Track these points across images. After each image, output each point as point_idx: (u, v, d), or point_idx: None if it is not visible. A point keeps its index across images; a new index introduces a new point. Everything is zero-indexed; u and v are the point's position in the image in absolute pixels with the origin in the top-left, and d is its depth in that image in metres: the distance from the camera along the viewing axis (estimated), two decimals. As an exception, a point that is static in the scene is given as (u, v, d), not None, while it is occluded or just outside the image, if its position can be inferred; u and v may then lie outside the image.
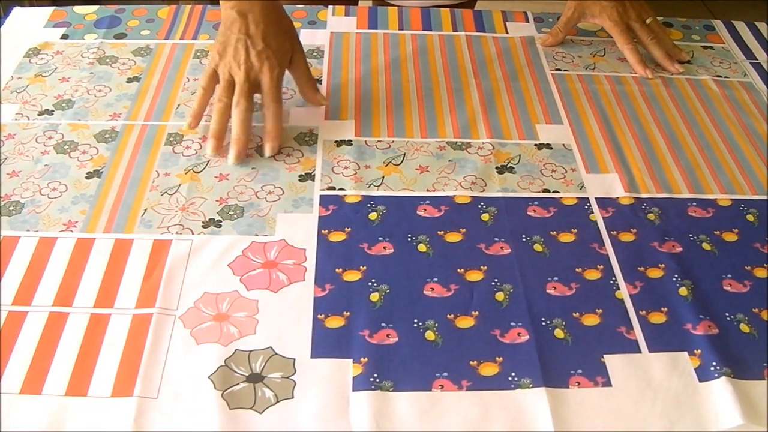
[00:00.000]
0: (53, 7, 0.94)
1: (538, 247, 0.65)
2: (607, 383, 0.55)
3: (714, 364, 0.56)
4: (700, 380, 0.56)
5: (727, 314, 0.60)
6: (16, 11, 0.94)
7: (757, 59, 0.92)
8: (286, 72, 0.76)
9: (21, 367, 0.54)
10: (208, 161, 0.72)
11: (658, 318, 0.60)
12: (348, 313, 0.59)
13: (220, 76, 0.73)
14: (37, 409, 0.52)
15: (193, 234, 0.65)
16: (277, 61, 0.73)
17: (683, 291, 0.62)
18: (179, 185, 0.69)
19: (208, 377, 0.54)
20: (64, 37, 0.89)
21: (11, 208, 0.67)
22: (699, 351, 0.58)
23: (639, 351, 0.58)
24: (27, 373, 0.54)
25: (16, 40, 0.88)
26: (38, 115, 0.77)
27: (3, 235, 0.64)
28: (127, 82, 0.82)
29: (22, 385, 0.53)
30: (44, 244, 0.63)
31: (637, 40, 0.89)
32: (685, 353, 0.58)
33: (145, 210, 0.67)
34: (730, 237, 0.67)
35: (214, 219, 0.66)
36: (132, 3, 0.97)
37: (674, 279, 0.63)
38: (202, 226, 0.65)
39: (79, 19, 0.93)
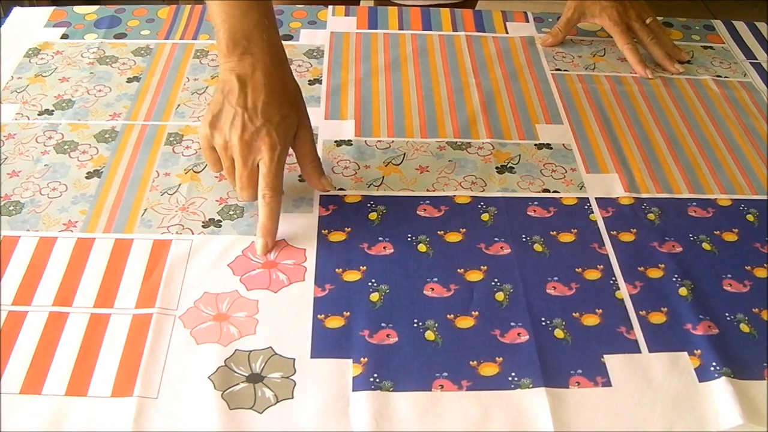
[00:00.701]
0: (53, 7, 0.94)
1: (538, 247, 0.65)
2: (607, 383, 0.55)
3: (714, 364, 0.56)
4: (700, 380, 0.56)
5: (727, 314, 0.60)
6: (17, 11, 0.94)
7: (757, 59, 0.92)
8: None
9: (21, 367, 0.54)
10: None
11: (658, 318, 0.60)
12: (348, 313, 0.59)
13: (220, 155, 0.64)
14: (37, 409, 0.52)
15: (193, 234, 0.65)
16: (279, 137, 0.62)
17: (683, 291, 0.62)
18: (179, 185, 0.69)
19: (208, 377, 0.54)
20: (64, 37, 0.89)
21: (11, 208, 0.67)
22: (699, 351, 0.58)
23: (639, 351, 0.58)
24: (27, 373, 0.54)
25: (16, 40, 0.88)
26: (38, 115, 0.77)
27: (3, 234, 0.64)
28: (127, 82, 0.82)
29: (22, 385, 0.53)
30: (44, 244, 0.63)
31: (637, 40, 0.89)
32: (685, 353, 0.58)
33: (145, 210, 0.67)
34: (730, 237, 0.67)
35: (214, 219, 0.66)
36: (132, 3, 0.97)
37: (674, 279, 0.63)
38: (202, 226, 0.65)
39: (79, 19, 0.93)
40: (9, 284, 0.60)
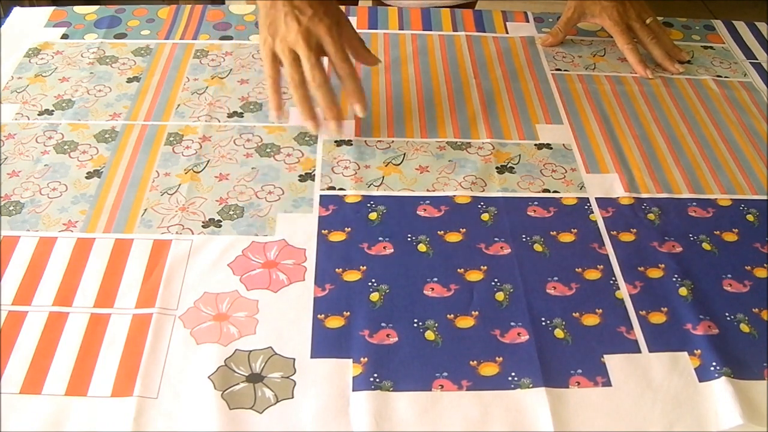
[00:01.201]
0: (53, 7, 0.94)
1: (538, 247, 0.65)
2: (607, 383, 0.55)
3: (714, 364, 0.56)
4: (700, 380, 0.56)
5: (727, 314, 0.60)
6: (17, 11, 0.94)
7: (757, 59, 0.92)
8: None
9: (21, 366, 0.54)
10: (208, 161, 0.72)
11: (658, 318, 0.60)
12: (348, 313, 0.59)
13: (281, 56, 0.71)
14: (37, 409, 0.52)
15: (193, 234, 0.65)
16: (331, 21, 0.71)
17: (683, 291, 0.62)
18: (179, 185, 0.69)
19: (208, 377, 0.54)
20: (64, 37, 0.89)
21: (11, 208, 0.67)
22: (699, 351, 0.58)
23: (639, 351, 0.58)
24: (27, 373, 0.54)
25: (16, 40, 0.88)
26: (38, 115, 0.77)
27: (3, 235, 0.64)
28: (127, 82, 0.82)
29: (22, 385, 0.53)
30: (44, 244, 0.63)
31: (637, 40, 0.89)
32: (685, 353, 0.58)
33: (145, 210, 0.67)
34: (730, 237, 0.67)
35: (214, 219, 0.66)
36: (131, 3, 0.97)
37: (674, 279, 0.63)
38: (202, 226, 0.65)
39: (79, 19, 0.93)
40: (9, 284, 0.60)
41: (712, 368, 0.56)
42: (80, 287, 0.60)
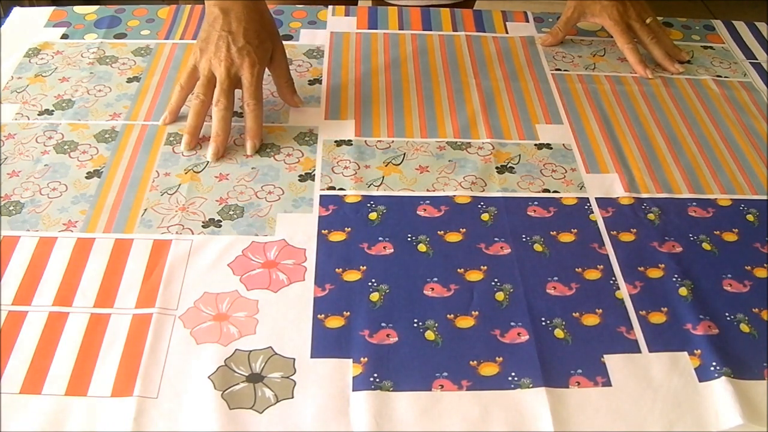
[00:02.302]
0: (53, 7, 0.94)
1: (538, 247, 0.65)
2: (607, 383, 0.55)
3: (714, 364, 0.56)
4: (700, 380, 0.56)
5: (727, 314, 0.60)
6: (17, 11, 0.94)
7: (757, 59, 0.92)
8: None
9: (21, 366, 0.54)
10: (208, 161, 0.72)
11: (658, 318, 0.60)
12: (348, 313, 0.59)
13: (200, 73, 0.73)
14: (37, 409, 0.52)
15: (193, 234, 0.65)
16: (258, 57, 0.73)
17: (683, 291, 0.62)
18: (179, 185, 0.69)
19: (208, 377, 0.54)
20: (64, 37, 0.89)
21: (11, 208, 0.67)
22: (699, 351, 0.58)
23: (639, 351, 0.58)
24: (27, 373, 0.54)
25: (16, 40, 0.88)
26: (38, 115, 0.77)
27: (3, 235, 0.64)
28: (127, 82, 0.82)
29: (22, 385, 0.53)
30: (44, 244, 0.63)
31: (637, 39, 0.89)
32: (685, 353, 0.58)
33: (145, 210, 0.67)
34: (730, 237, 0.67)
35: (214, 219, 0.66)
36: (131, 3, 0.97)
37: (674, 279, 0.63)
38: (202, 226, 0.65)
39: (79, 19, 0.93)
40: (9, 284, 0.60)
41: (712, 368, 0.56)
42: (80, 287, 0.60)
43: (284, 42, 0.87)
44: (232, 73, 0.72)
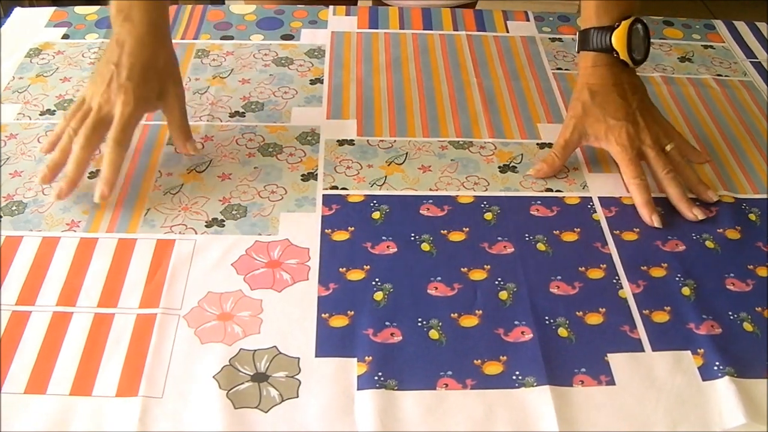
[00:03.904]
0: (54, 8, 0.94)
1: (541, 247, 0.65)
2: (611, 382, 0.55)
3: (717, 363, 0.56)
4: (704, 379, 0.56)
5: (730, 313, 0.61)
6: (17, 11, 0.94)
7: (757, 58, 0.92)
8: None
9: (25, 367, 0.54)
10: (210, 161, 0.72)
11: (661, 317, 0.60)
12: (352, 312, 0.59)
13: (84, 104, 0.69)
14: (41, 409, 0.52)
15: (196, 234, 0.65)
16: (136, 97, 0.67)
17: (686, 291, 0.62)
18: (182, 185, 0.69)
19: (213, 377, 0.54)
20: (65, 37, 0.89)
21: (14, 208, 0.67)
22: (702, 350, 0.58)
23: (642, 350, 0.58)
24: (31, 373, 0.54)
25: (17, 40, 0.88)
26: (40, 115, 0.77)
27: (6, 235, 0.64)
28: (128, 81, 0.82)
29: (27, 385, 0.53)
30: (47, 244, 0.63)
31: (650, 171, 0.71)
32: (689, 352, 0.58)
33: (148, 210, 0.67)
34: (733, 234, 0.67)
35: (217, 218, 0.66)
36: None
37: (677, 278, 0.63)
38: (206, 226, 0.65)
39: (79, 19, 0.93)
40: (12, 284, 0.60)
41: (716, 367, 0.56)
42: (84, 287, 0.60)
43: (285, 42, 0.88)
44: (104, 110, 0.67)
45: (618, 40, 0.71)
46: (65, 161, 0.67)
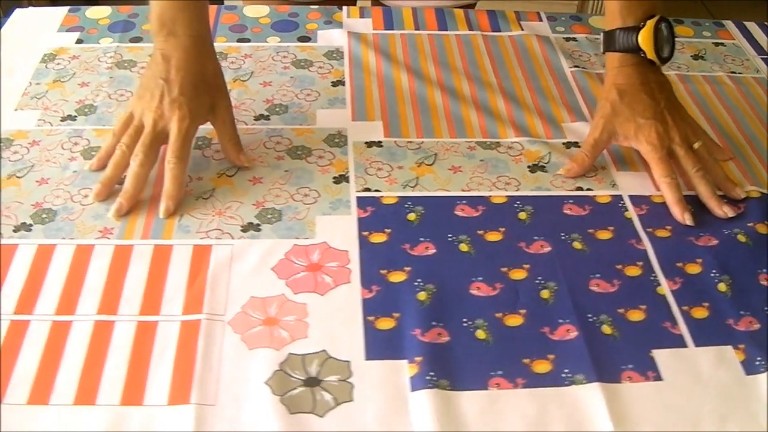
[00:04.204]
0: (63, 8, 0.93)
1: (577, 245, 0.66)
2: (658, 377, 0.56)
3: (759, 358, 0.57)
4: (747, 374, 0.56)
5: (766, 309, 0.61)
6: (18, 12, 0.93)
7: (767, 55, 0.93)
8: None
9: (71, 378, 0.54)
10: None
11: (700, 313, 0.61)
12: (397, 314, 0.59)
13: (134, 120, 0.68)
14: (92, 420, 0.51)
15: (233, 238, 0.64)
16: (191, 112, 0.67)
17: (722, 287, 0.63)
18: (213, 189, 0.69)
19: (265, 382, 0.54)
20: (79, 41, 0.88)
21: (44, 216, 0.66)
22: (743, 345, 0.58)
23: (685, 345, 0.58)
24: (79, 384, 0.53)
25: (29, 45, 0.87)
26: (61, 120, 0.76)
27: (38, 243, 0.63)
28: (148, 86, 0.81)
29: (75, 397, 0.52)
30: (82, 252, 0.63)
31: (678, 169, 0.71)
32: (730, 347, 0.58)
33: (182, 215, 0.66)
34: (763, 229, 0.68)
35: (252, 223, 0.66)
36: (133, 3, 0.95)
37: (712, 274, 0.64)
38: (242, 231, 0.65)
39: (92, 23, 0.92)
40: (50, 294, 0.59)
41: (757, 362, 0.57)
42: (124, 295, 0.59)
43: (302, 44, 0.88)
44: (159, 126, 0.67)
45: (644, 39, 0.72)
46: (119, 177, 0.67)
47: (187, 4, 0.69)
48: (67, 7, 0.94)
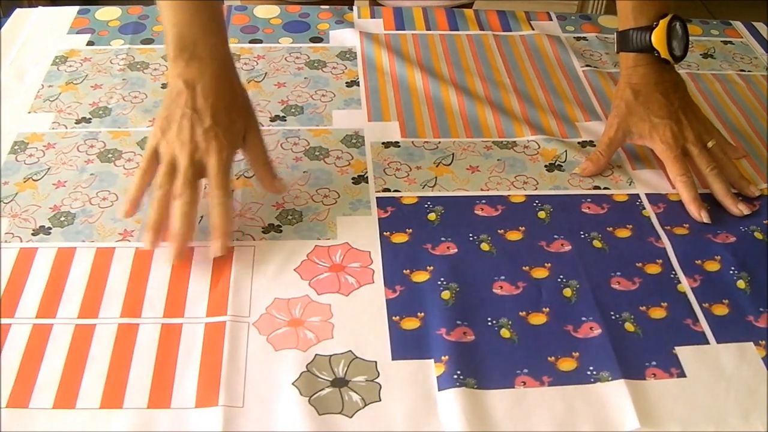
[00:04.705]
0: (75, 8, 0.93)
1: (597, 243, 0.66)
2: (682, 374, 0.56)
3: (780, 354, 0.58)
4: (770, 369, 0.57)
5: (785, 305, 0.62)
6: (36, 15, 0.92)
7: (775, 53, 0.94)
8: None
9: (96, 381, 0.53)
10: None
11: (721, 310, 0.61)
12: (422, 314, 0.59)
13: (162, 157, 0.62)
14: (120, 423, 0.51)
15: (254, 240, 0.64)
16: (227, 140, 0.62)
17: (741, 284, 0.63)
18: (232, 191, 0.69)
19: (292, 383, 0.54)
20: (90, 43, 0.88)
21: (62, 219, 0.65)
22: (763, 342, 0.59)
23: (707, 342, 0.59)
24: (104, 388, 0.53)
25: (40, 47, 0.87)
26: (75, 123, 0.76)
27: (58, 246, 0.63)
28: (161, 87, 0.81)
29: (101, 400, 0.52)
30: (102, 255, 0.62)
31: (693, 168, 0.71)
32: (751, 344, 0.59)
33: (202, 217, 0.66)
34: (780, 227, 0.68)
35: (273, 224, 0.66)
36: (132, 3, 0.95)
37: (731, 271, 0.64)
38: (263, 232, 0.65)
39: (102, 25, 0.91)
40: (73, 297, 0.59)
41: (779, 358, 0.57)
42: (147, 297, 0.59)
43: (315, 44, 0.88)
44: (196, 159, 0.61)
45: (658, 39, 0.72)
46: (166, 219, 0.61)
47: (209, 23, 0.64)
48: (77, 8, 0.94)
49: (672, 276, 0.64)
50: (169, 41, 0.63)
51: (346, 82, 0.83)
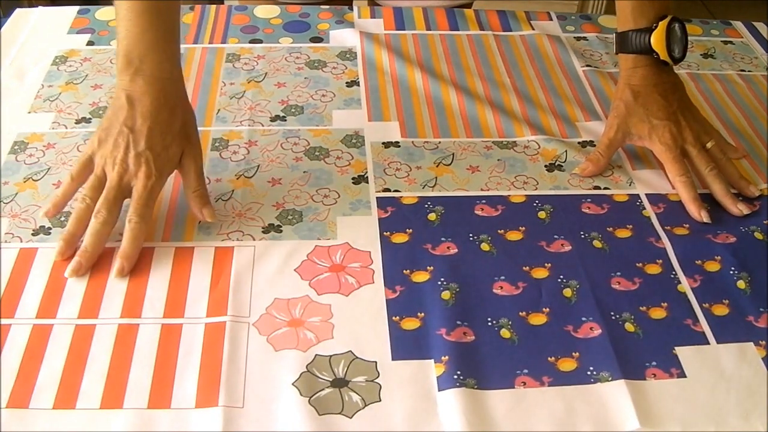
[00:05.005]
0: (75, 8, 0.93)
1: (597, 244, 0.66)
2: (682, 374, 0.56)
3: (780, 354, 0.58)
4: (769, 370, 0.57)
5: (785, 305, 0.62)
6: (36, 15, 0.92)
7: (775, 53, 0.94)
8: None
9: (96, 381, 0.53)
10: (258, 166, 0.72)
11: (721, 310, 0.61)
12: (422, 314, 0.59)
13: (94, 168, 0.63)
14: (120, 424, 0.51)
15: (254, 240, 0.64)
16: (157, 167, 0.62)
17: (741, 284, 0.63)
18: (232, 191, 0.69)
19: (292, 384, 0.54)
20: (90, 43, 0.88)
21: (62, 219, 0.65)
22: (764, 342, 0.59)
23: (707, 342, 0.59)
24: (104, 388, 0.53)
25: (39, 47, 0.87)
26: (76, 123, 0.76)
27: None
28: (162, 87, 0.81)
29: (102, 400, 0.52)
30: (102, 255, 0.62)
31: (692, 168, 0.72)
32: (751, 344, 0.59)
33: (200, 222, 0.66)
34: (780, 227, 0.68)
35: (273, 224, 0.66)
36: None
37: (731, 271, 0.64)
38: (263, 232, 0.65)
39: (102, 25, 0.91)
40: (73, 297, 0.59)
41: (779, 358, 0.57)
42: (147, 297, 0.59)
43: (315, 44, 0.88)
44: (124, 181, 0.61)
45: (657, 41, 0.72)
46: (82, 233, 0.62)
47: (158, 40, 0.64)
48: (77, 8, 0.94)
49: (672, 276, 0.64)
50: (119, 53, 0.64)
51: (346, 82, 0.83)
